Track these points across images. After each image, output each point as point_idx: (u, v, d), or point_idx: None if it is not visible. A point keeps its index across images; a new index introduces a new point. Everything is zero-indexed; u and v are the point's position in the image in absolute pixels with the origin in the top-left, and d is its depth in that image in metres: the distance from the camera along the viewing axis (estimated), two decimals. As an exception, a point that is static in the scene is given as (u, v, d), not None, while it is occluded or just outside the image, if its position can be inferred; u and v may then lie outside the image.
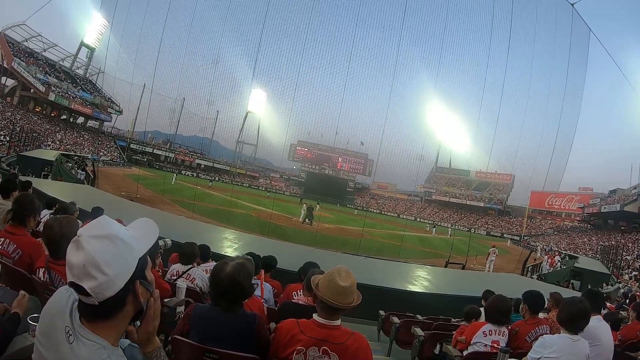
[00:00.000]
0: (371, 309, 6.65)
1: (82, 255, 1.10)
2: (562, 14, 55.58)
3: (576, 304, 3.14)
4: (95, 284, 1.09)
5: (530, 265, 24.06)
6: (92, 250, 1.10)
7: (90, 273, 1.09)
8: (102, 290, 1.10)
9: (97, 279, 1.09)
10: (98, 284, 1.09)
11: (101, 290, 1.10)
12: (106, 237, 1.14)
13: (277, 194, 56.82)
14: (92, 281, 1.09)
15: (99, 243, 1.12)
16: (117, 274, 1.13)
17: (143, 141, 67.79)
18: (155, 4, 62.79)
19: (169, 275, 4.51)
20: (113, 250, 1.13)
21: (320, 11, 64.93)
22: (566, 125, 58.54)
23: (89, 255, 1.10)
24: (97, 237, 1.13)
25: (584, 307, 3.10)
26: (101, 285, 1.10)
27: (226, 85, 70.92)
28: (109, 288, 1.11)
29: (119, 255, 1.14)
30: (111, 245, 1.13)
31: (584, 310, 3.09)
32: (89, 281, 1.09)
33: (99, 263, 1.09)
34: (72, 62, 58.52)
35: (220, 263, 2.41)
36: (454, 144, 74.78)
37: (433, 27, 63.59)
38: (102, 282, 1.10)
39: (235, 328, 2.29)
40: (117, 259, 1.14)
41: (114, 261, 1.12)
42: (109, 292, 1.11)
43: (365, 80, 77.12)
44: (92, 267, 1.09)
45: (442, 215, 70.36)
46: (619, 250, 29.79)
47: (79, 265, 1.10)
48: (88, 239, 1.12)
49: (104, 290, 1.10)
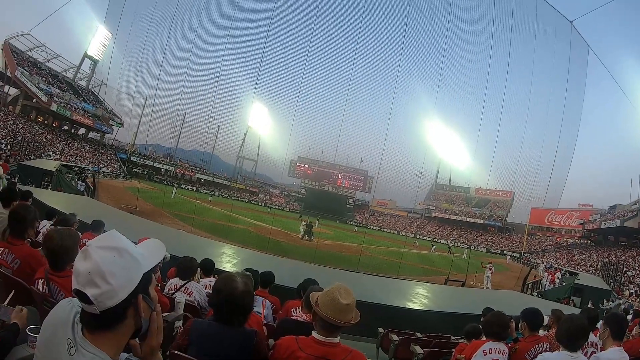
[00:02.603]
0: (370, 326, 6.59)
1: (89, 263, 1.13)
2: (561, 31, 56.44)
3: (574, 321, 3.12)
4: (98, 292, 1.11)
5: (530, 282, 23.96)
6: (98, 259, 1.14)
7: (94, 281, 1.12)
8: (104, 299, 1.12)
9: (100, 287, 1.12)
10: (101, 292, 1.12)
11: (103, 299, 1.12)
12: (114, 249, 1.17)
13: (277, 210, 56.81)
14: (96, 289, 1.11)
15: (106, 253, 1.15)
16: (120, 285, 1.15)
17: (144, 154, 67.96)
18: (158, 17, 63.72)
19: (166, 289, 4.50)
20: (119, 262, 1.16)
21: (322, 28, 65.59)
22: (565, 142, 58.90)
23: (95, 264, 1.13)
24: (105, 248, 1.17)
25: (581, 324, 3.08)
26: (104, 294, 1.12)
27: (227, 101, 71.51)
28: (111, 298, 1.13)
29: (124, 267, 1.17)
30: (118, 257, 1.16)
31: (582, 327, 3.07)
32: (93, 289, 1.11)
33: (104, 272, 1.12)
34: (75, 73, 58.98)
35: (226, 279, 2.40)
36: (454, 161, 74.94)
37: (433, 45, 64.42)
38: (105, 290, 1.12)
39: (234, 344, 2.27)
40: (122, 270, 1.16)
41: (118, 272, 1.15)
42: (111, 302, 1.13)
43: (365, 98, 77.51)
44: (97, 276, 1.12)
45: (442, 232, 70.14)
46: (620, 266, 29.63)
47: (84, 273, 1.13)
48: (96, 249, 1.16)
49: (106, 299, 1.13)
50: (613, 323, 3.60)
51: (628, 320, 3.85)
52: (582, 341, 3.04)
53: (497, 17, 60.15)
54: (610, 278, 27.09)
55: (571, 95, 58.57)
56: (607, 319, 3.78)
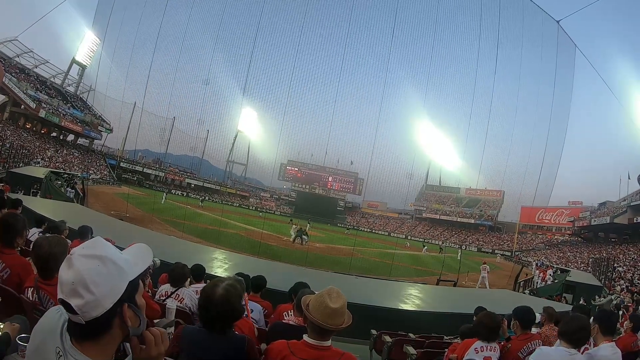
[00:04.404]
0: (363, 328, 6.59)
1: (72, 273, 1.11)
2: (548, 31, 56.78)
3: (582, 321, 3.22)
4: (82, 303, 1.09)
5: (522, 281, 24.08)
6: (81, 268, 1.11)
7: (78, 291, 1.09)
8: (88, 310, 1.09)
9: (84, 297, 1.09)
10: (84, 302, 1.09)
11: (87, 310, 1.09)
12: (97, 257, 1.14)
13: (268, 214, 56.64)
14: (79, 299, 1.09)
15: (89, 262, 1.12)
16: (104, 294, 1.12)
17: (133, 160, 67.47)
18: (146, 22, 63.01)
19: (157, 295, 4.47)
20: (102, 270, 1.13)
21: (310, 31, 65.51)
22: (554, 140, 59.19)
23: (78, 274, 1.10)
24: (88, 256, 1.14)
25: (586, 322, 3.20)
26: (88, 304, 1.09)
27: (216, 105, 70.83)
28: (95, 308, 1.10)
29: (108, 276, 1.14)
30: (101, 266, 1.13)
31: (586, 324, 3.18)
32: (76, 299, 1.09)
33: (87, 282, 1.09)
34: (63, 79, 58.47)
35: (211, 285, 2.38)
36: (444, 162, 75.30)
37: (421, 46, 64.43)
38: (88, 301, 1.09)
39: (225, 350, 2.26)
40: (106, 279, 1.13)
41: (102, 281, 1.12)
42: (95, 312, 1.10)
43: (354, 100, 77.12)
44: (80, 286, 1.09)
45: (433, 232, 70.53)
46: (611, 262, 29.92)
47: (68, 283, 1.10)
48: (79, 258, 1.13)
49: (90, 309, 1.10)
50: (602, 319, 3.63)
51: (619, 315, 3.90)
52: (585, 341, 3.11)
53: (484, 18, 60.43)
54: (602, 274, 27.32)
55: (559, 94, 58.99)
56: (595, 316, 3.82)
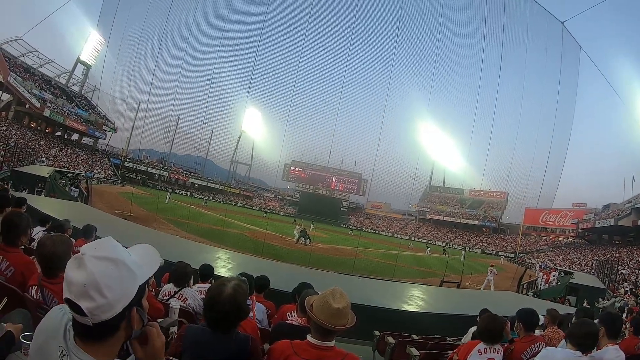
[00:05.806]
0: (366, 329, 6.58)
1: (83, 274, 1.08)
2: (553, 32, 56.84)
3: (591, 326, 3.22)
4: (93, 306, 1.06)
5: (525, 282, 24.00)
6: (95, 271, 1.08)
7: (89, 294, 1.06)
8: (99, 313, 1.07)
9: (95, 300, 1.06)
10: (96, 306, 1.07)
11: (98, 313, 1.07)
12: (111, 260, 1.12)
13: (272, 214, 56.78)
14: (91, 302, 1.06)
15: (102, 265, 1.10)
16: (117, 298, 1.10)
17: (137, 159, 67.84)
18: (151, 23, 63.59)
19: (161, 295, 4.46)
20: (116, 274, 1.11)
21: (315, 33, 65.75)
22: (559, 142, 59.33)
23: (91, 276, 1.07)
24: (101, 258, 1.11)
25: (595, 329, 3.20)
26: (99, 307, 1.07)
27: (221, 105, 71.48)
28: (107, 312, 1.08)
29: (121, 280, 1.12)
30: (114, 269, 1.11)
31: (595, 331, 3.18)
32: (87, 302, 1.06)
33: (100, 285, 1.07)
34: (68, 79, 58.83)
35: (217, 285, 2.36)
36: (448, 163, 75.50)
37: (425, 47, 64.66)
38: (100, 304, 1.07)
39: (228, 350, 2.25)
40: (119, 283, 1.11)
41: (115, 285, 1.10)
42: (106, 315, 1.09)
43: (358, 101, 77.57)
44: (93, 289, 1.06)
45: (436, 234, 70.38)
46: (614, 265, 29.73)
47: (78, 284, 1.07)
48: (91, 259, 1.10)
49: (101, 313, 1.08)
50: (607, 322, 3.62)
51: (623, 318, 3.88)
52: (592, 348, 3.10)
53: (489, 19, 60.63)
54: (605, 276, 27.18)
55: (563, 95, 59.09)
56: (601, 318, 3.81)
